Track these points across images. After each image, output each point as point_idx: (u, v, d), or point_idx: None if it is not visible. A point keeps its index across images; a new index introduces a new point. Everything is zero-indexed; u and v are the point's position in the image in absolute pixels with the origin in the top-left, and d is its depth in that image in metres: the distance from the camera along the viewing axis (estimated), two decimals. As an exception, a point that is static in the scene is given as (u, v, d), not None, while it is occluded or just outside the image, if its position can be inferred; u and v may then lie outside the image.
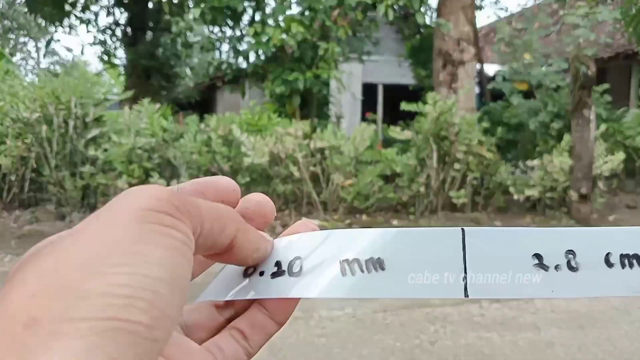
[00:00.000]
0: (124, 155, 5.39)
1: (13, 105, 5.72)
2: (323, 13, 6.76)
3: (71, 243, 0.20)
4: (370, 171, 5.71)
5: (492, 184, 6.00)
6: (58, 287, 0.17)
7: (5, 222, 5.48)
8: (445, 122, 5.68)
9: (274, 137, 5.52)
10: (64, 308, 0.17)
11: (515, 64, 8.19)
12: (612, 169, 6.05)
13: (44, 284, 0.18)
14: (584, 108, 5.60)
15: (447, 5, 7.06)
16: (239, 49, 7.51)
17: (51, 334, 0.16)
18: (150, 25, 11.47)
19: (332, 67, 7.13)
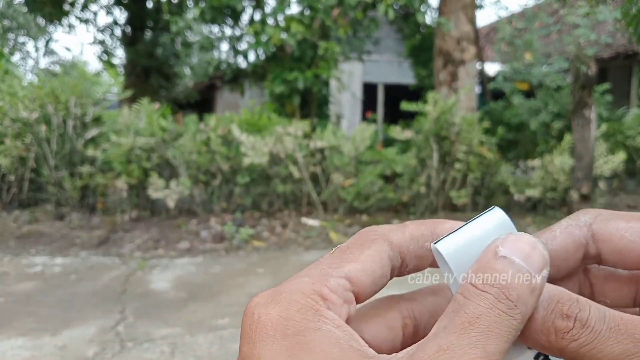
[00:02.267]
0: (123, 155, 5.37)
1: (12, 105, 5.71)
2: (323, 12, 6.75)
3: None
4: (370, 171, 5.69)
5: (493, 184, 5.98)
6: None
7: (5, 222, 5.47)
8: (445, 122, 5.66)
9: (273, 136, 5.50)
10: None
11: (516, 64, 8.18)
12: (612, 169, 6.03)
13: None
14: (584, 108, 5.59)
15: (448, 4, 7.04)
16: (238, 49, 7.49)
17: None
18: (149, 24, 11.46)
19: (332, 67, 7.12)
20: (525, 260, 0.24)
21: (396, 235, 0.29)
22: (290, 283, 0.26)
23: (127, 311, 3.29)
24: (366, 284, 0.27)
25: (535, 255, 0.25)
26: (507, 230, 0.27)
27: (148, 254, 4.62)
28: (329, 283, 0.26)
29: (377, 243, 0.28)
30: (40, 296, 3.55)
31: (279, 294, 0.25)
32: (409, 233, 0.29)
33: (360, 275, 0.27)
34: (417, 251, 0.29)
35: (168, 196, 5.31)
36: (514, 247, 0.25)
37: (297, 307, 0.24)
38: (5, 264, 4.30)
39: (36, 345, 2.78)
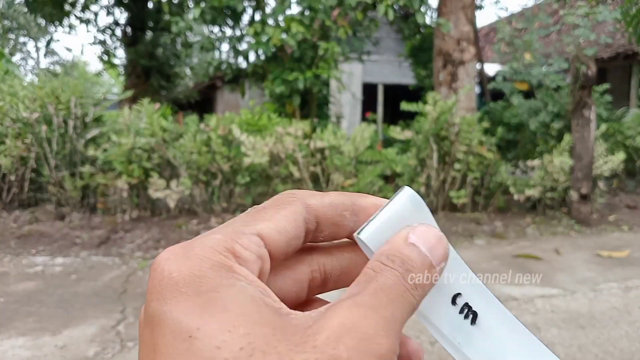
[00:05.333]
0: (123, 155, 5.38)
1: (13, 105, 5.72)
2: (323, 13, 6.75)
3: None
4: (370, 171, 5.70)
5: (492, 184, 5.99)
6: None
7: (5, 222, 5.48)
8: (445, 122, 5.67)
9: (273, 137, 5.51)
10: None
11: (516, 64, 8.19)
12: (612, 169, 6.04)
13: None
14: (584, 108, 5.60)
15: (447, 5, 7.05)
16: (238, 49, 7.50)
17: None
18: (150, 25, 11.47)
19: (332, 67, 7.12)
20: (430, 250, 0.27)
21: (314, 199, 0.29)
22: (201, 239, 0.25)
23: (127, 311, 3.30)
24: (279, 243, 0.27)
25: (439, 248, 0.28)
26: (421, 212, 0.29)
27: (149, 253, 4.63)
28: (241, 240, 0.26)
29: (293, 205, 0.29)
30: (40, 296, 3.56)
31: (191, 249, 0.25)
32: (328, 200, 0.30)
33: (273, 233, 0.27)
34: (335, 218, 0.30)
35: (168, 196, 5.32)
36: (423, 237, 0.28)
37: (210, 263, 0.24)
38: (5, 263, 4.31)
39: (36, 345, 2.78)
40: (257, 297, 0.24)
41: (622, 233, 5.46)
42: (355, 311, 0.24)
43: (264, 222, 0.27)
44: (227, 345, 0.22)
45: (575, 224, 5.67)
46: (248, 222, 0.27)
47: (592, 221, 5.78)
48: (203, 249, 0.25)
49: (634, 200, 6.92)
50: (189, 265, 0.24)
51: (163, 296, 0.24)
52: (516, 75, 8.05)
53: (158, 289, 0.24)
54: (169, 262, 0.25)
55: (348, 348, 0.22)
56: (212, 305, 0.23)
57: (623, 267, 4.22)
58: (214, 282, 0.24)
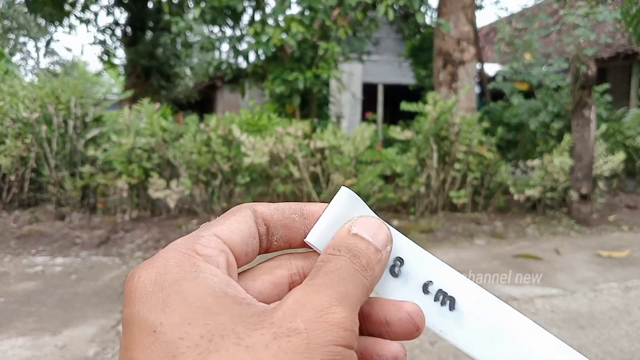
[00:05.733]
0: (123, 155, 5.38)
1: (13, 105, 5.72)
2: (323, 13, 6.75)
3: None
4: (370, 171, 5.70)
5: (492, 184, 5.99)
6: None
7: (5, 222, 5.48)
8: (445, 122, 5.67)
9: (273, 137, 5.51)
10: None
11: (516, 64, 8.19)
12: (612, 169, 6.04)
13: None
14: (584, 108, 5.60)
15: (447, 5, 7.05)
16: (238, 49, 7.50)
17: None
18: (150, 25, 11.47)
19: (332, 67, 7.12)
20: (373, 237, 0.29)
21: (261, 206, 0.32)
22: (165, 248, 0.28)
23: (127, 311, 3.29)
24: (236, 240, 0.29)
25: (381, 234, 0.30)
26: (359, 207, 0.32)
27: (149, 253, 4.62)
28: (201, 240, 0.28)
29: (241, 210, 0.31)
30: (40, 296, 3.56)
31: (157, 256, 0.27)
32: (274, 206, 0.32)
33: (228, 233, 0.29)
34: (283, 220, 0.32)
35: (168, 196, 5.32)
36: (364, 226, 0.30)
37: (174, 261, 0.26)
38: (5, 263, 4.31)
39: (36, 345, 2.78)
40: (218, 287, 0.25)
41: (622, 233, 5.46)
42: (308, 289, 0.25)
43: (217, 226, 0.30)
44: (189, 336, 0.23)
45: (575, 224, 5.67)
46: (203, 228, 0.29)
47: (592, 221, 5.78)
48: (167, 252, 0.27)
49: (634, 200, 6.92)
50: (155, 266, 0.26)
51: (132, 300, 0.25)
52: (516, 75, 8.05)
53: (129, 295, 0.26)
54: (138, 269, 0.27)
55: (305, 320, 0.24)
56: (173, 300, 0.24)
57: (623, 267, 4.22)
58: (177, 275, 0.25)
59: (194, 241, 0.28)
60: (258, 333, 0.23)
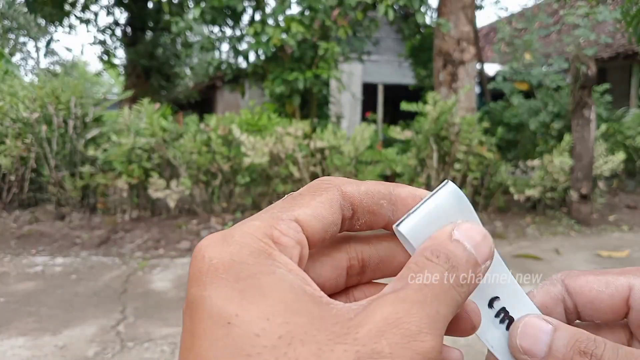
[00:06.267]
0: (123, 155, 5.38)
1: (13, 105, 5.72)
2: (323, 13, 6.75)
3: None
4: (370, 171, 5.70)
5: (492, 184, 5.99)
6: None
7: (5, 222, 5.48)
8: (445, 122, 5.67)
9: (273, 137, 5.51)
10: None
11: (516, 64, 8.19)
12: (612, 169, 6.04)
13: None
14: (584, 108, 5.60)
15: (447, 5, 7.05)
16: (238, 49, 7.50)
17: None
18: (150, 25, 11.47)
19: (332, 67, 7.12)
20: (475, 247, 0.27)
21: (350, 186, 0.29)
22: (240, 226, 0.25)
23: (127, 311, 3.30)
24: (316, 229, 0.27)
25: (484, 246, 0.27)
26: (463, 208, 0.29)
27: (148, 253, 4.62)
28: (280, 226, 0.26)
29: (329, 191, 0.28)
30: (40, 296, 3.56)
31: (230, 236, 0.25)
32: (364, 187, 0.29)
33: (310, 219, 0.27)
34: (371, 206, 0.29)
35: (168, 196, 5.32)
36: (467, 234, 0.27)
37: (249, 250, 0.24)
38: (5, 263, 4.31)
39: (36, 345, 2.78)
40: (297, 285, 0.24)
41: (622, 233, 5.46)
42: (399, 306, 0.23)
43: (301, 208, 0.27)
44: (266, 333, 0.22)
45: (575, 224, 5.67)
46: (285, 208, 0.27)
47: (592, 221, 5.78)
48: (242, 235, 0.25)
49: (634, 200, 6.92)
50: (229, 251, 0.24)
51: (202, 282, 0.23)
52: (516, 75, 8.05)
53: (198, 275, 0.24)
54: (209, 248, 0.25)
55: (390, 343, 0.22)
56: (251, 292, 0.23)
57: (623, 267, 4.21)
58: (253, 268, 0.24)
59: (271, 224, 0.25)
60: (340, 349, 0.22)
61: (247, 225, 0.25)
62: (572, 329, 0.28)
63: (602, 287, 0.30)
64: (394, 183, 0.30)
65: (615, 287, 0.29)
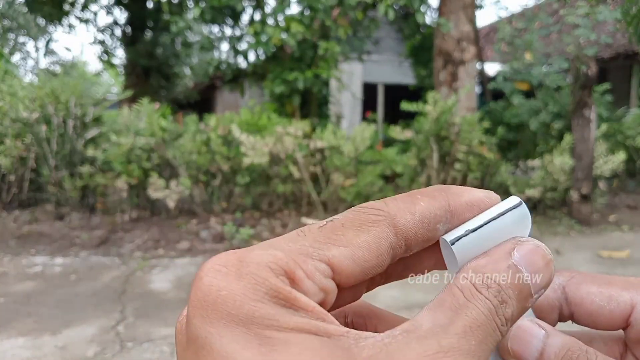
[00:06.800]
0: (123, 155, 5.37)
1: (12, 105, 5.71)
2: (323, 12, 6.75)
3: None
4: (370, 171, 5.69)
5: (493, 184, 5.98)
6: None
7: (5, 222, 5.47)
8: (445, 122, 5.66)
9: (273, 137, 5.50)
10: None
11: (516, 64, 8.18)
12: (612, 169, 6.03)
13: None
14: (584, 108, 5.59)
15: (448, 4, 7.04)
16: (238, 49, 7.49)
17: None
18: (149, 24, 11.46)
19: (332, 67, 7.12)
20: (534, 275, 0.24)
21: (404, 217, 0.24)
22: (260, 253, 0.22)
23: (127, 311, 3.29)
24: (352, 274, 0.23)
25: (545, 275, 0.25)
26: (525, 230, 0.26)
27: (148, 254, 4.62)
28: (306, 265, 0.22)
29: (378, 227, 0.24)
30: (40, 296, 3.55)
31: (245, 265, 0.22)
32: (419, 214, 0.25)
33: (346, 262, 0.23)
34: (426, 235, 0.25)
35: (168, 196, 5.31)
36: (529, 258, 0.24)
37: (266, 288, 0.21)
38: (5, 263, 4.30)
39: (36, 345, 2.78)
40: (321, 329, 0.21)
41: (623, 233, 5.45)
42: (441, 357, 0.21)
43: (339, 248, 0.23)
44: None
45: (575, 224, 5.66)
46: (319, 242, 0.23)
47: (593, 221, 5.77)
48: (259, 267, 0.21)
49: (634, 200, 6.91)
50: (242, 285, 0.21)
51: (208, 315, 0.21)
52: (517, 75, 8.05)
53: (203, 305, 0.21)
54: (218, 275, 0.21)
55: None
56: (269, 342, 0.20)
57: (624, 267, 4.21)
58: (268, 314, 0.21)
59: (297, 260, 0.22)
60: None
61: (268, 253, 0.22)
62: (565, 337, 0.27)
63: (604, 302, 0.28)
64: (451, 189, 0.26)
65: (617, 302, 0.28)
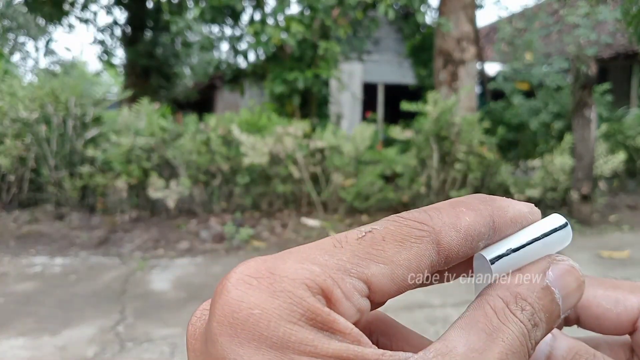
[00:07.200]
0: (122, 155, 5.37)
1: (12, 105, 5.71)
2: (323, 12, 6.74)
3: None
4: (370, 171, 5.69)
5: (493, 184, 5.98)
6: None
7: (5, 222, 5.46)
8: (445, 122, 5.66)
9: (273, 137, 5.50)
10: None
11: (516, 64, 8.18)
12: (613, 169, 6.03)
13: None
14: (584, 108, 5.59)
15: (448, 4, 7.04)
16: (238, 49, 7.49)
17: None
18: (149, 24, 11.46)
19: (332, 67, 7.11)
20: (565, 297, 0.24)
21: (449, 235, 0.23)
22: (293, 267, 0.20)
23: (126, 311, 3.29)
24: (388, 292, 0.22)
25: (575, 295, 0.24)
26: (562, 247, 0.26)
27: (148, 254, 4.62)
28: (344, 284, 0.20)
29: (421, 244, 0.22)
30: (39, 296, 3.55)
31: (278, 280, 0.20)
32: (464, 232, 0.23)
33: (384, 281, 0.21)
34: (467, 252, 0.24)
35: (168, 196, 5.31)
36: (563, 279, 0.24)
37: (303, 309, 0.19)
38: (4, 264, 4.30)
39: (36, 345, 2.77)
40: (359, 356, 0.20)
41: (623, 233, 5.45)
42: None
43: (378, 265, 0.21)
44: None
45: (575, 224, 5.66)
46: (358, 258, 0.21)
47: (593, 221, 5.77)
48: (295, 283, 0.20)
49: (634, 201, 6.91)
50: (277, 305, 0.19)
51: (237, 335, 0.19)
52: (517, 75, 8.05)
53: (232, 323, 0.19)
54: (249, 290, 0.20)
55: None
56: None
57: (624, 267, 4.21)
58: (306, 339, 0.19)
59: (335, 279, 0.20)
60: None
61: (303, 269, 0.20)
62: (572, 340, 0.26)
63: (611, 305, 0.28)
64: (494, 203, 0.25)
65: (624, 306, 0.27)
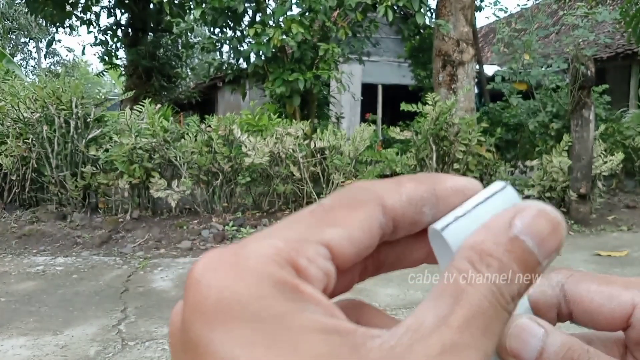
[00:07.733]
0: (124, 155, 5.41)
1: (14, 105, 5.74)
2: (323, 14, 6.78)
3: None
4: (370, 171, 5.72)
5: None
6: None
7: (6, 222, 5.50)
8: (444, 122, 5.69)
9: (274, 137, 5.53)
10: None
11: (515, 65, 8.20)
12: (611, 168, 6.05)
13: None
14: (583, 108, 5.61)
15: (447, 6, 7.07)
16: (239, 50, 7.52)
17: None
18: (151, 26, 11.50)
19: (332, 68, 7.14)
20: (539, 245, 0.21)
21: (391, 197, 0.23)
22: (256, 245, 0.20)
23: (128, 310, 3.32)
24: (349, 256, 0.21)
25: (552, 241, 0.22)
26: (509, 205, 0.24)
27: (150, 253, 4.65)
28: (307, 251, 0.20)
29: (368, 206, 0.22)
30: (41, 296, 3.58)
31: (244, 260, 0.19)
32: (406, 195, 0.23)
33: (344, 244, 0.21)
34: (413, 217, 0.23)
35: (169, 196, 5.34)
36: (533, 225, 0.22)
37: (272, 281, 0.19)
38: (6, 263, 4.34)
39: (38, 344, 2.80)
40: (330, 328, 0.19)
41: (621, 233, 5.47)
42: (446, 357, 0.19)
43: (334, 228, 0.21)
44: None
45: (574, 223, 5.68)
46: (314, 226, 0.21)
47: (591, 221, 5.79)
48: (260, 260, 0.19)
49: (633, 200, 6.93)
50: (246, 283, 0.19)
51: (210, 320, 0.19)
52: (515, 75, 8.07)
53: (203, 309, 0.19)
54: (217, 275, 0.19)
55: None
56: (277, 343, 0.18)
57: (622, 266, 4.24)
58: (278, 307, 0.19)
59: (297, 248, 0.20)
60: None
61: (266, 245, 0.20)
62: (565, 336, 0.25)
63: (604, 301, 0.27)
64: (434, 177, 0.25)
65: (618, 302, 0.26)
